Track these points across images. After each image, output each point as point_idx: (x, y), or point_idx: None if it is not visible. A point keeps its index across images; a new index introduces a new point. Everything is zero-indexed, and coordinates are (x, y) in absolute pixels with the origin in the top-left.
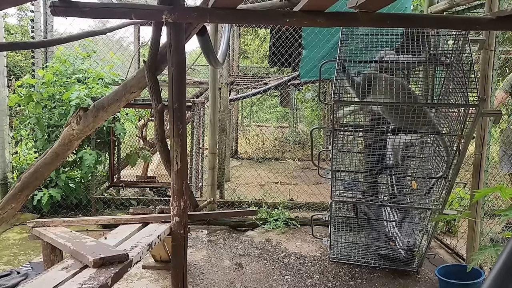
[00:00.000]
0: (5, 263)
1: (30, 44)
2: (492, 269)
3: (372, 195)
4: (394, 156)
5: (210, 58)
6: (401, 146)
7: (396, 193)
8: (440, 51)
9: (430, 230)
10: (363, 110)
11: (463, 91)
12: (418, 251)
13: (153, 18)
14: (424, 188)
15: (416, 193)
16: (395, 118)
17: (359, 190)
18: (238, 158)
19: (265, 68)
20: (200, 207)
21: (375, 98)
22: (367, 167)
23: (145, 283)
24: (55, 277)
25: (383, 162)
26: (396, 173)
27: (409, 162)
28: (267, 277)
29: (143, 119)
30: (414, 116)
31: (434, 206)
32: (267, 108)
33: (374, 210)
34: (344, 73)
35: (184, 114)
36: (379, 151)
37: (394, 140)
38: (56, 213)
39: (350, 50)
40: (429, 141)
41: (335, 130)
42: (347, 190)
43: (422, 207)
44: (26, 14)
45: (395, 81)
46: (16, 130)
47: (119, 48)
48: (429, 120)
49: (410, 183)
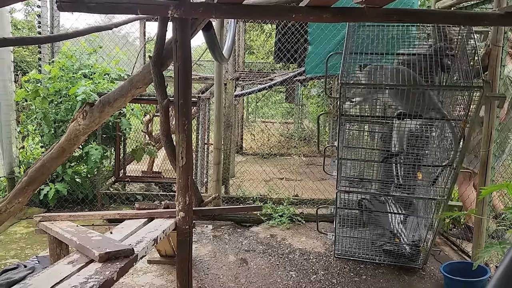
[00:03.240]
0: (12, 256)
1: (37, 39)
2: (499, 267)
3: (379, 188)
4: (399, 143)
5: (216, 53)
6: (406, 133)
7: (401, 183)
8: (444, 44)
9: (435, 224)
10: (369, 101)
11: (467, 75)
12: (423, 246)
13: (159, 14)
14: (429, 178)
15: (422, 184)
16: (400, 101)
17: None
18: (243, 154)
19: (270, 63)
20: (205, 202)
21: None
22: (373, 156)
23: (150, 278)
24: (61, 271)
25: (388, 150)
26: (402, 162)
27: (414, 151)
28: (272, 273)
29: (149, 114)
30: (420, 99)
31: (439, 196)
32: (273, 104)
33: (379, 207)
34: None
35: (189, 109)
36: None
37: (399, 127)
38: (62, 208)
39: (357, 43)
40: (434, 130)
41: (341, 115)
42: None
43: (427, 197)
44: (33, 9)
45: (401, 69)
46: (23, 125)
47: (125, 44)
48: (435, 105)
49: (415, 173)
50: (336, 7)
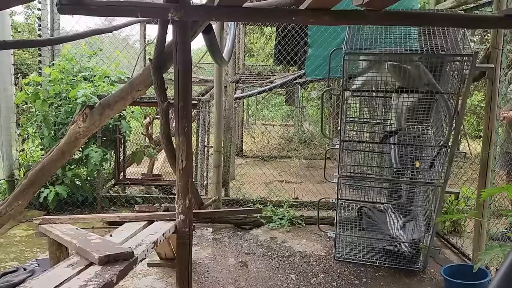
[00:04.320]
0: (11, 259)
1: (37, 42)
2: (499, 270)
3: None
4: (397, 121)
5: (216, 56)
6: (404, 111)
7: (399, 167)
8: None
9: (434, 216)
10: (370, 81)
11: (458, 46)
12: (423, 243)
13: (159, 16)
14: (426, 165)
15: (420, 171)
16: (398, 76)
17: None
18: (243, 156)
19: (270, 66)
20: (205, 205)
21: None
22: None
23: (150, 281)
24: (61, 274)
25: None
26: (400, 142)
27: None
28: (272, 276)
29: (149, 117)
30: (417, 72)
31: (437, 180)
32: (273, 106)
33: (379, 216)
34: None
35: (189, 112)
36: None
37: (397, 104)
38: (62, 210)
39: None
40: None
41: (344, 91)
42: (353, 189)
43: (425, 181)
44: (33, 12)
45: (398, 50)
46: (23, 127)
47: (125, 46)
48: (429, 80)
49: (413, 155)
50: (336, 10)
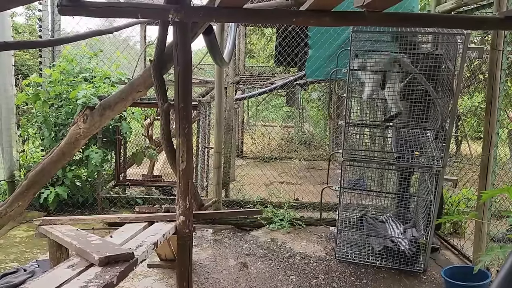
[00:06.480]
0: (12, 260)
1: (38, 43)
2: (500, 271)
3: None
4: (395, 105)
5: (216, 57)
6: (397, 95)
7: (399, 154)
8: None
9: (433, 209)
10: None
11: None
12: (423, 239)
13: (160, 17)
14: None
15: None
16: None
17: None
18: (243, 157)
19: (271, 67)
20: (206, 206)
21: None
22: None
23: (150, 282)
24: (61, 275)
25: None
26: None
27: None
28: (272, 277)
29: (149, 118)
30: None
31: (435, 165)
32: (273, 107)
33: (380, 227)
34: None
35: (190, 113)
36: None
37: (389, 91)
38: (63, 211)
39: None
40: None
41: (350, 70)
42: (354, 187)
43: (423, 165)
44: (34, 13)
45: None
46: (24, 128)
47: (125, 47)
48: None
49: (411, 139)
50: (336, 11)
